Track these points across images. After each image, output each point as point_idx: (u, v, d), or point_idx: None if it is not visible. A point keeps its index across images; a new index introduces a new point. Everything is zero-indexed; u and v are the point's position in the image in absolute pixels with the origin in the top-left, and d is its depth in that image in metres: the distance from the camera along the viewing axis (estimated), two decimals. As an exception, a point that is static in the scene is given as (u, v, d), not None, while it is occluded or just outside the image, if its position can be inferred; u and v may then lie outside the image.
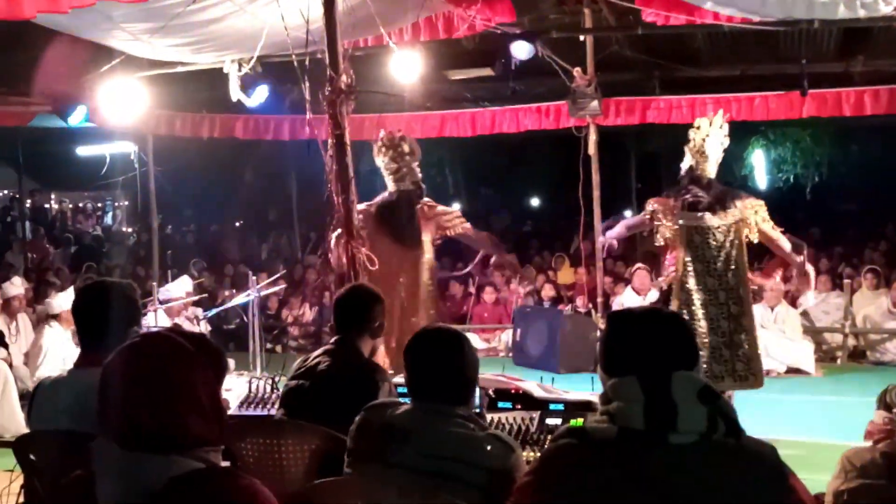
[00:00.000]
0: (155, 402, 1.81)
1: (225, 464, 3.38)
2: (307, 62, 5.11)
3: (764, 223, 6.71)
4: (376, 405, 2.87)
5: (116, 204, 23.20)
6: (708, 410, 1.95)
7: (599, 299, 10.45)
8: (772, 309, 9.95)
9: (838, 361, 10.33)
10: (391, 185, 6.92)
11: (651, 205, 6.86)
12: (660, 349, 2.02)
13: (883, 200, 19.20)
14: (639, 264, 10.86)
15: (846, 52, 10.95)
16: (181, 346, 1.90)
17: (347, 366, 3.61)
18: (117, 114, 8.90)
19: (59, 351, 7.74)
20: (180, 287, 8.85)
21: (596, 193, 10.24)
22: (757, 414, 6.30)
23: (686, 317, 6.63)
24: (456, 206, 24.25)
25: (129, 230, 20.59)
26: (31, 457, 3.12)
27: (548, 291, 12.10)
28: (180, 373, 1.86)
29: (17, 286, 8.81)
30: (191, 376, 1.87)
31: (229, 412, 4.62)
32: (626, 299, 10.40)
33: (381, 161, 6.95)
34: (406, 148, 6.88)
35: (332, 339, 3.78)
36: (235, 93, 8.11)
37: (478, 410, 4.02)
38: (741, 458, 1.94)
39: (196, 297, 9.35)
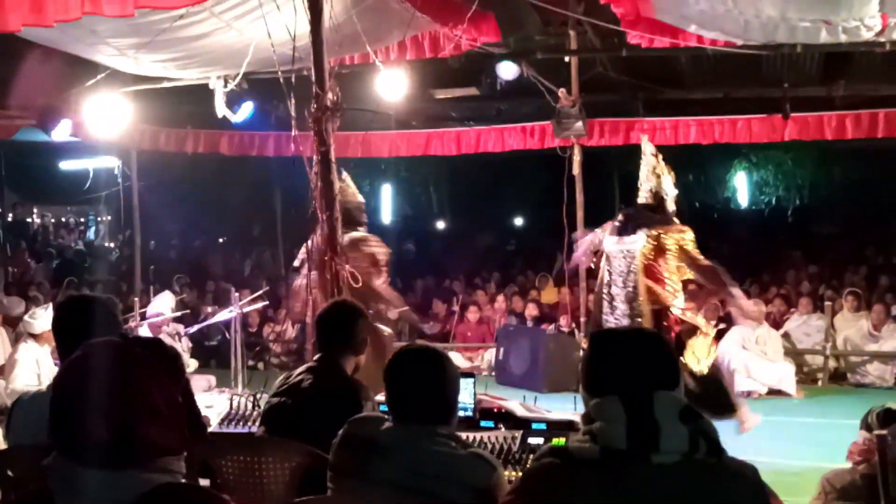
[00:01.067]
0: (107, 412, 1.73)
1: (204, 482, 3.38)
2: (293, 79, 5.12)
3: (687, 248, 6.36)
4: (359, 419, 2.86)
5: (99, 219, 23.10)
6: (689, 430, 1.96)
7: (583, 319, 10.45)
8: (753, 330, 9.99)
9: (819, 383, 10.37)
10: None
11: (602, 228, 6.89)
12: (642, 369, 2.03)
13: (864, 223, 19.37)
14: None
15: (828, 76, 11.07)
16: (131, 353, 1.83)
17: (330, 383, 3.58)
18: (101, 128, 8.86)
19: (34, 366, 7.67)
20: (163, 303, 8.80)
21: (580, 213, 10.26)
22: (738, 435, 6.31)
23: None
24: (441, 225, 24.36)
25: (112, 245, 20.48)
26: (9, 472, 3.08)
27: (531, 311, 12.12)
28: (132, 379, 1.77)
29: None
30: (144, 382, 1.78)
31: (210, 430, 4.58)
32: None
33: None
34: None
35: (315, 357, 3.75)
36: (221, 109, 8.11)
37: (470, 414, 4.02)
38: (722, 477, 1.95)
39: (178, 314, 9.29)
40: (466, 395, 4.06)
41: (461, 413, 3.85)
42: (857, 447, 4.08)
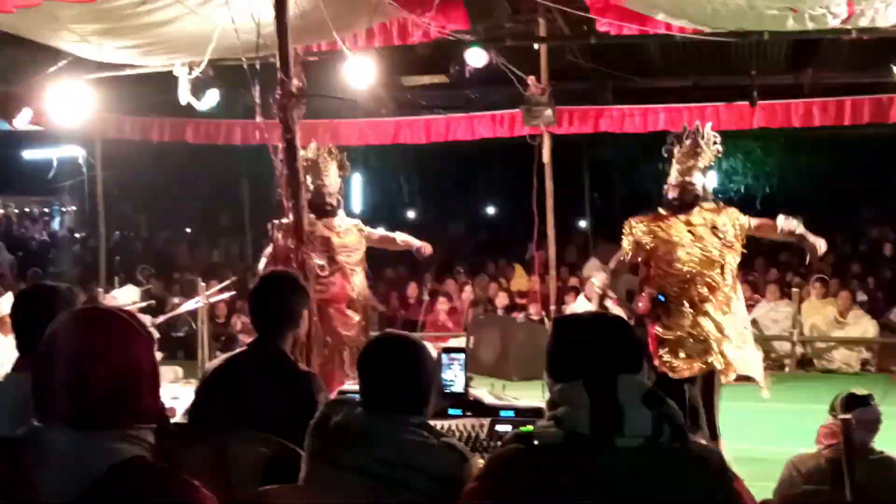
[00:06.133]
0: (105, 369, 1.79)
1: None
2: (257, 66, 5.06)
3: None
4: (337, 402, 2.81)
5: (64, 209, 22.81)
6: (653, 414, 1.95)
7: (552, 307, 10.47)
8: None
9: (786, 369, 10.47)
10: None
11: None
12: (605, 353, 2.02)
13: (831, 211, 19.55)
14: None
15: (796, 64, 11.16)
16: (119, 316, 1.90)
17: (275, 374, 3.39)
18: (64, 117, 8.72)
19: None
20: (127, 295, 8.70)
21: (549, 202, 10.27)
22: (706, 421, 6.35)
23: None
24: (411, 214, 24.28)
25: (77, 236, 20.24)
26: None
27: (501, 299, 12.13)
28: (123, 341, 1.84)
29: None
30: (132, 345, 1.85)
31: (175, 420, 4.52)
32: (579, 307, 10.43)
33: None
34: None
35: (251, 341, 3.54)
36: (185, 96, 7.98)
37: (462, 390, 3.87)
38: (686, 461, 1.95)
39: (143, 304, 9.19)
40: (457, 371, 3.95)
41: (452, 389, 3.79)
42: (823, 431, 4.11)
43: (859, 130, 11.98)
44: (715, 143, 6.65)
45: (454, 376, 3.64)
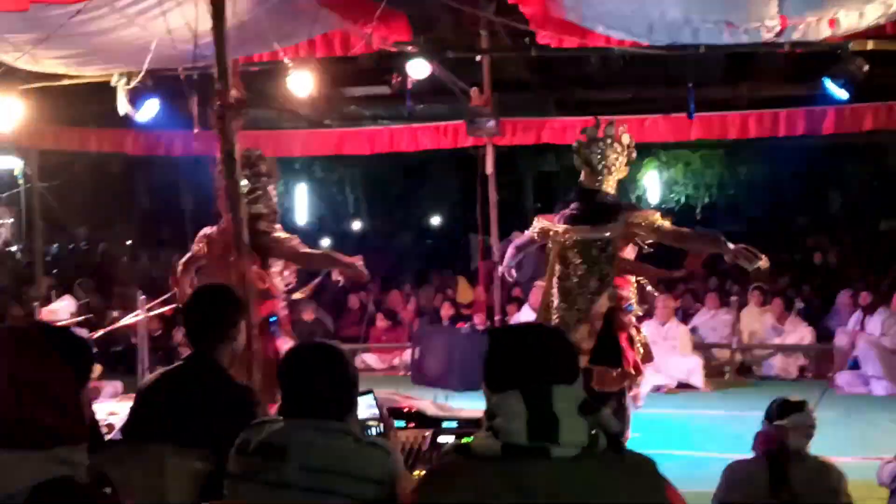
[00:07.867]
0: (8, 390, 1.76)
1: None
2: (195, 76, 5.00)
3: (663, 222, 6.30)
4: (255, 424, 2.78)
5: (0, 222, 22.24)
6: (589, 423, 1.96)
7: (497, 317, 10.51)
8: (662, 325, 10.18)
9: (726, 376, 10.64)
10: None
11: (539, 221, 6.46)
12: (541, 363, 2.02)
13: (768, 220, 19.96)
14: (536, 282, 10.96)
15: (733, 77, 11.37)
16: (29, 339, 1.86)
17: (211, 388, 3.33)
18: (-1, 128, 8.52)
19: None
20: (64, 308, 8.51)
21: (493, 212, 10.32)
22: (648, 428, 6.43)
23: None
24: (357, 225, 24.17)
25: (13, 249, 19.75)
26: None
27: (447, 310, 12.13)
28: (25, 365, 1.81)
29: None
30: (39, 369, 1.81)
31: (111, 436, 4.44)
32: (524, 317, 10.48)
33: None
34: (263, 168, 6.36)
35: (187, 355, 3.47)
36: (123, 107, 7.85)
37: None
38: (621, 470, 1.96)
39: (81, 318, 8.99)
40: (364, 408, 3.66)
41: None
42: (760, 438, 4.17)
43: (797, 141, 12.26)
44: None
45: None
